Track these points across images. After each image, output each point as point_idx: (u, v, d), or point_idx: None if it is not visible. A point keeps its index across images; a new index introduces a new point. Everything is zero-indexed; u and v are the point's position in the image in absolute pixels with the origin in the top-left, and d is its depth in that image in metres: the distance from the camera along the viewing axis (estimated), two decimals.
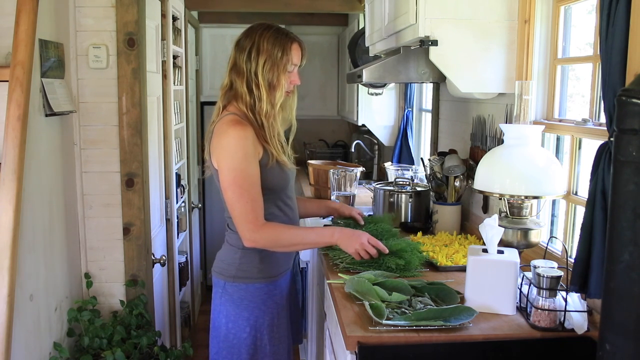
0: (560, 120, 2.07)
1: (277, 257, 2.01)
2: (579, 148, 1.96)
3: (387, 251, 2.01)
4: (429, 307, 1.71)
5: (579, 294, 1.68)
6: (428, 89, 3.72)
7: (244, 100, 1.93)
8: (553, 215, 2.20)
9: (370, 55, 3.17)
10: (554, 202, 2.15)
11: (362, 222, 2.27)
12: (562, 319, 1.63)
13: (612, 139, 1.35)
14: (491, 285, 1.73)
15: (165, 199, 3.32)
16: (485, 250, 1.80)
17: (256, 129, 1.91)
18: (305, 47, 2.01)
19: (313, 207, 2.35)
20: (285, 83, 1.93)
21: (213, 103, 5.00)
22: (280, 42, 1.91)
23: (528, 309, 1.72)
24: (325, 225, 2.38)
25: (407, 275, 2.02)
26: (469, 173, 2.58)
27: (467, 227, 2.70)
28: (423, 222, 2.81)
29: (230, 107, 1.96)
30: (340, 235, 1.98)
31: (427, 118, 3.71)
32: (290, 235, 1.94)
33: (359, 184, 3.46)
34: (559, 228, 2.16)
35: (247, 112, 1.92)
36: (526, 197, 1.82)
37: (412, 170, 3.34)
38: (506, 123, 2.22)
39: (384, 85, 4.01)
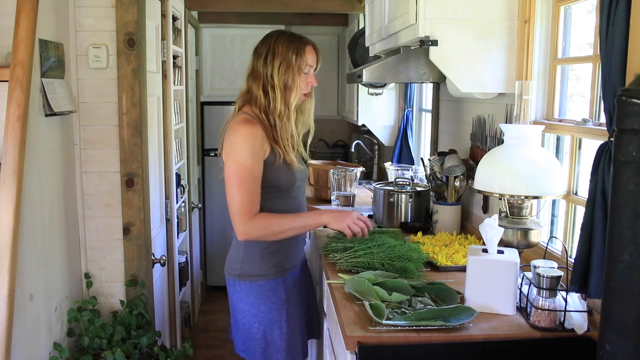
0: (560, 120, 2.07)
1: (279, 255, 2.06)
2: (579, 148, 1.96)
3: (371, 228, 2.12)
4: (429, 307, 1.71)
5: (579, 294, 1.68)
6: (428, 89, 3.72)
7: (258, 103, 2.02)
8: (553, 215, 2.20)
9: (370, 55, 3.17)
10: (554, 202, 2.15)
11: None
12: (562, 319, 1.63)
13: (612, 139, 1.35)
14: (491, 285, 1.73)
15: (165, 199, 3.32)
16: (485, 250, 1.79)
17: (267, 129, 1.99)
18: (320, 49, 2.09)
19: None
20: (301, 84, 2.02)
21: (213, 103, 5.06)
22: (294, 45, 2.00)
23: (528, 309, 1.72)
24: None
25: (407, 276, 2.02)
26: (469, 173, 2.58)
27: (467, 227, 2.70)
28: (423, 222, 2.81)
29: (245, 108, 2.05)
30: (328, 215, 2.06)
31: (427, 118, 3.71)
32: (280, 222, 1.99)
33: (359, 184, 3.45)
34: (559, 228, 2.15)
35: (259, 114, 2.01)
36: (526, 197, 1.82)
37: (412, 170, 3.33)
38: (506, 123, 2.22)
39: (384, 85, 4.01)
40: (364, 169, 3.57)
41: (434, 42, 2.18)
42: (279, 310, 2.06)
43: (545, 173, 1.82)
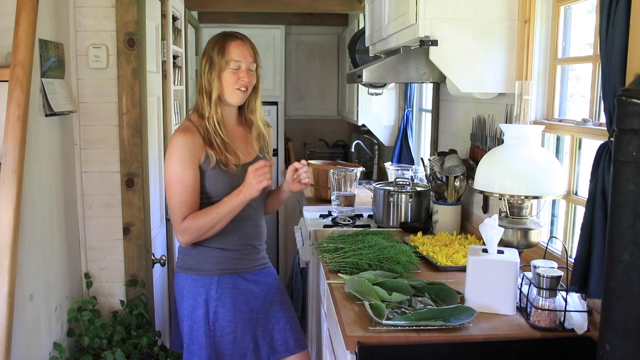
0: (560, 120, 2.07)
1: (217, 253, 2.04)
2: (579, 148, 1.96)
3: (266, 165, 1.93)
4: (429, 307, 1.71)
5: (579, 294, 1.68)
6: (428, 89, 3.72)
7: (196, 107, 2.03)
8: (553, 215, 2.20)
9: (370, 55, 3.17)
10: (554, 202, 2.15)
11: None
12: (562, 319, 1.63)
13: (612, 139, 1.35)
14: (491, 285, 1.73)
15: (165, 199, 3.31)
16: (485, 250, 1.79)
17: (204, 135, 1.97)
18: (252, 47, 2.01)
19: (277, 194, 2.24)
20: (229, 81, 1.97)
21: None
22: (220, 42, 1.98)
23: (528, 309, 1.72)
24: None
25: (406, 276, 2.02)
26: (469, 173, 2.58)
27: (467, 227, 2.70)
28: (423, 222, 2.81)
29: (191, 115, 2.06)
30: (244, 191, 1.93)
31: (427, 118, 3.71)
32: (208, 217, 1.96)
33: (359, 184, 3.45)
34: (559, 228, 2.15)
35: (198, 119, 2.01)
36: (526, 197, 1.82)
37: (412, 170, 3.33)
38: (506, 123, 2.22)
39: (384, 85, 4.01)
40: (364, 169, 3.57)
41: (434, 42, 2.18)
42: (206, 308, 2.02)
43: (545, 173, 1.82)
